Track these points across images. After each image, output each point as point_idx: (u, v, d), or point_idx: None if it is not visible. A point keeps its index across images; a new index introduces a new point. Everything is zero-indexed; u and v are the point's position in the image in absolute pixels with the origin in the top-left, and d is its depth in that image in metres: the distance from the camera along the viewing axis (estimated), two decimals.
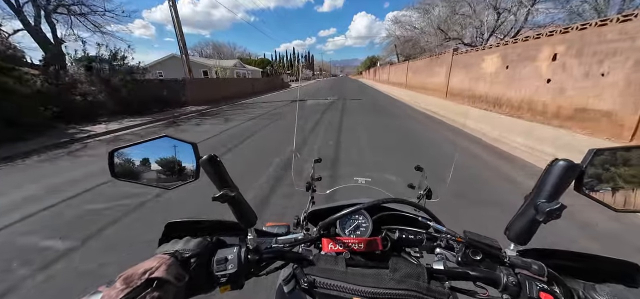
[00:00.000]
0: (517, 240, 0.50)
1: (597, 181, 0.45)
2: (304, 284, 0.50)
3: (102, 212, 2.88)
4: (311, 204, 0.87)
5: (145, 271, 0.40)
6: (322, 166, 1.01)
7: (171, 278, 0.42)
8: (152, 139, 0.51)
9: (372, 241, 0.57)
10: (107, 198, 3.20)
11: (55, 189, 3.56)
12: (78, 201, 3.20)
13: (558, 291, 0.44)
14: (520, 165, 4.26)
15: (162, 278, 0.40)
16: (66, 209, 3.02)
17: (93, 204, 3.09)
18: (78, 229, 2.57)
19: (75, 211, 2.95)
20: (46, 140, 6.25)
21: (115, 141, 6.72)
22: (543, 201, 0.44)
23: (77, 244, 2.33)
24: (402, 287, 0.48)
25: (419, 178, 0.93)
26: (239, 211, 0.52)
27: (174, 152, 0.51)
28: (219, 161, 0.50)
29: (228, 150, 5.34)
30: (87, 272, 1.98)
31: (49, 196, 3.37)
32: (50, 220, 2.79)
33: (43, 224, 2.71)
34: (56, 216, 2.86)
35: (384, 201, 0.55)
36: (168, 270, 0.42)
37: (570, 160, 0.44)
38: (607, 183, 0.45)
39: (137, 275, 0.39)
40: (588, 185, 0.44)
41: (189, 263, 0.48)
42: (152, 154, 0.51)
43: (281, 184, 3.40)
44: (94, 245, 2.32)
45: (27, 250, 2.26)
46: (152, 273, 0.40)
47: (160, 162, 0.52)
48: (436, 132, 6.71)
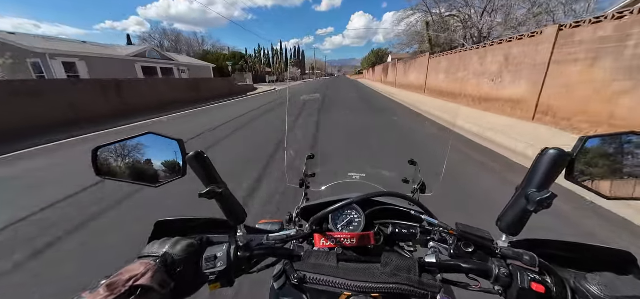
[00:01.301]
0: (509, 231, 0.49)
1: (588, 168, 0.44)
2: (294, 280, 0.49)
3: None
4: (304, 201, 0.86)
5: (130, 278, 0.39)
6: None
7: (156, 286, 0.41)
8: (137, 136, 0.50)
9: (365, 236, 0.57)
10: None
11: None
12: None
13: (549, 281, 0.44)
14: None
15: (146, 285, 0.40)
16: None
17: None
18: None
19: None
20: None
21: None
22: (534, 191, 0.44)
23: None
24: (393, 281, 0.47)
25: (413, 172, 0.92)
26: (228, 208, 0.52)
27: (160, 149, 0.50)
28: (206, 157, 0.49)
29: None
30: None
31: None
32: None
33: None
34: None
35: (375, 194, 0.54)
36: (153, 277, 0.41)
37: (561, 149, 0.44)
38: (598, 171, 0.44)
39: (121, 282, 0.39)
40: (579, 173, 0.44)
41: (176, 268, 0.47)
42: (137, 151, 0.50)
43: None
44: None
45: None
46: (137, 280, 0.40)
47: (146, 160, 0.51)
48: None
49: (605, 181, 0.44)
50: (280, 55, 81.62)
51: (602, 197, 0.45)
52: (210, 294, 0.60)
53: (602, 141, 0.44)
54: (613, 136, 0.44)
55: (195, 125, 8.47)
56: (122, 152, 0.50)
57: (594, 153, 0.44)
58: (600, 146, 0.44)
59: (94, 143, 0.50)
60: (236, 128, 7.70)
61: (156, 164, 0.51)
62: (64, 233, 2.56)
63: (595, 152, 0.44)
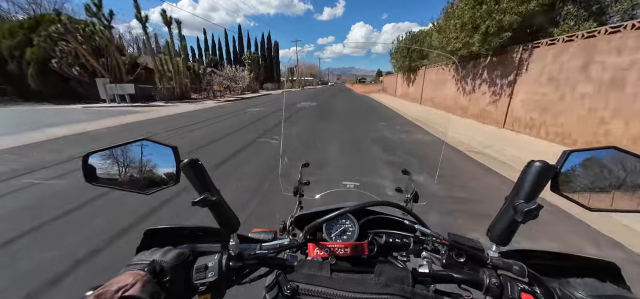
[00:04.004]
0: (499, 241, 0.51)
1: (571, 181, 0.46)
2: (286, 291, 0.48)
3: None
4: (298, 209, 0.86)
5: (119, 289, 0.38)
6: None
7: (146, 297, 0.40)
8: (130, 142, 0.49)
9: (358, 246, 0.57)
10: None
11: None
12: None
13: (538, 291, 0.45)
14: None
15: (136, 296, 0.39)
16: None
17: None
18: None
19: None
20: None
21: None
22: (521, 202, 0.45)
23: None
24: (386, 291, 0.47)
25: (406, 182, 0.93)
26: (221, 216, 0.51)
27: (153, 156, 0.50)
28: (200, 164, 0.49)
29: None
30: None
31: None
32: None
33: None
34: None
35: (369, 203, 0.55)
36: (143, 288, 0.40)
37: (546, 161, 0.46)
38: (581, 183, 0.46)
39: (109, 293, 0.38)
40: (563, 185, 0.46)
41: (165, 279, 0.46)
42: (130, 157, 0.50)
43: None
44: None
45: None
46: (126, 291, 0.39)
47: (139, 166, 0.50)
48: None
49: (587, 193, 0.46)
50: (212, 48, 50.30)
51: (586, 209, 0.47)
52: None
53: (585, 155, 0.46)
54: (595, 150, 0.46)
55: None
56: (115, 158, 0.49)
57: (576, 166, 0.46)
58: (583, 160, 0.46)
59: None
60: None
61: (149, 171, 0.50)
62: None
63: (578, 165, 0.46)
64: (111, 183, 0.50)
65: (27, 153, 5.59)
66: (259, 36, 62.30)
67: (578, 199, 0.46)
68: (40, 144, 6.47)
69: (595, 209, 0.46)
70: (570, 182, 0.46)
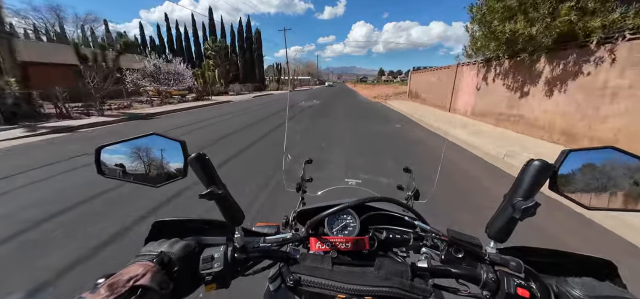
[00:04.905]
0: (497, 237, 0.52)
1: (570, 180, 0.47)
2: (289, 282, 0.50)
3: None
4: (301, 205, 0.88)
5: (130, 279, 0.40)
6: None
7: (155, 286, 0.42)
8: (140, 137, 0.51)
9: (359, 241, 0.58)
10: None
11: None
12: None
13: (534, 286, 0.46)
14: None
15: (146, 285, 0.41)
16: None
17: None
18: None
19: None
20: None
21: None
22: (519, 200, 0.46)
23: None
24: (385, 284, 0.49)
25: (407, 180, 0.94)
26: (226, 209, 0.53)
27: (162, 150, 0.52)
28: (207, 158, 0.50)
29: None
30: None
31: None
32: None
33: None
34: None
35: (370, 199, 0.56)
36: (153, 278, 0.42)
37: (544, 160, 0.46)
38: (579, 182, 0.47)
39: (121, 282, 0.39)
40: (561, 184, 0.47)
41: (174, 269, 0.48)
42: (140, 151, 0.52)
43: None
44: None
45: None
46: (137, 281, 0.40)
47: (148, 160, 0.52)
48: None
49: (585, 192, 0.47)
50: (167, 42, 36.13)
51: (584, 208, 0.47)
52: (205, 294, 0.60)
53: (584, 155, 0.47)
54: (594, 150, 0.46)
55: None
56: (126, 152, 0.51)
57: (575, 166, 0.47)
58: (582, 159, 0.47)
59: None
60: None
61: (158, 165, 0.52)
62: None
63: (577, 165, 0.47)
64: (122, 175, 0.52)
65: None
66: (236, 24, 44.56)
67: (576, 198, 0.47)
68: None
69: (593, 208, 0.47)
70: (568, 182, 0.47)
